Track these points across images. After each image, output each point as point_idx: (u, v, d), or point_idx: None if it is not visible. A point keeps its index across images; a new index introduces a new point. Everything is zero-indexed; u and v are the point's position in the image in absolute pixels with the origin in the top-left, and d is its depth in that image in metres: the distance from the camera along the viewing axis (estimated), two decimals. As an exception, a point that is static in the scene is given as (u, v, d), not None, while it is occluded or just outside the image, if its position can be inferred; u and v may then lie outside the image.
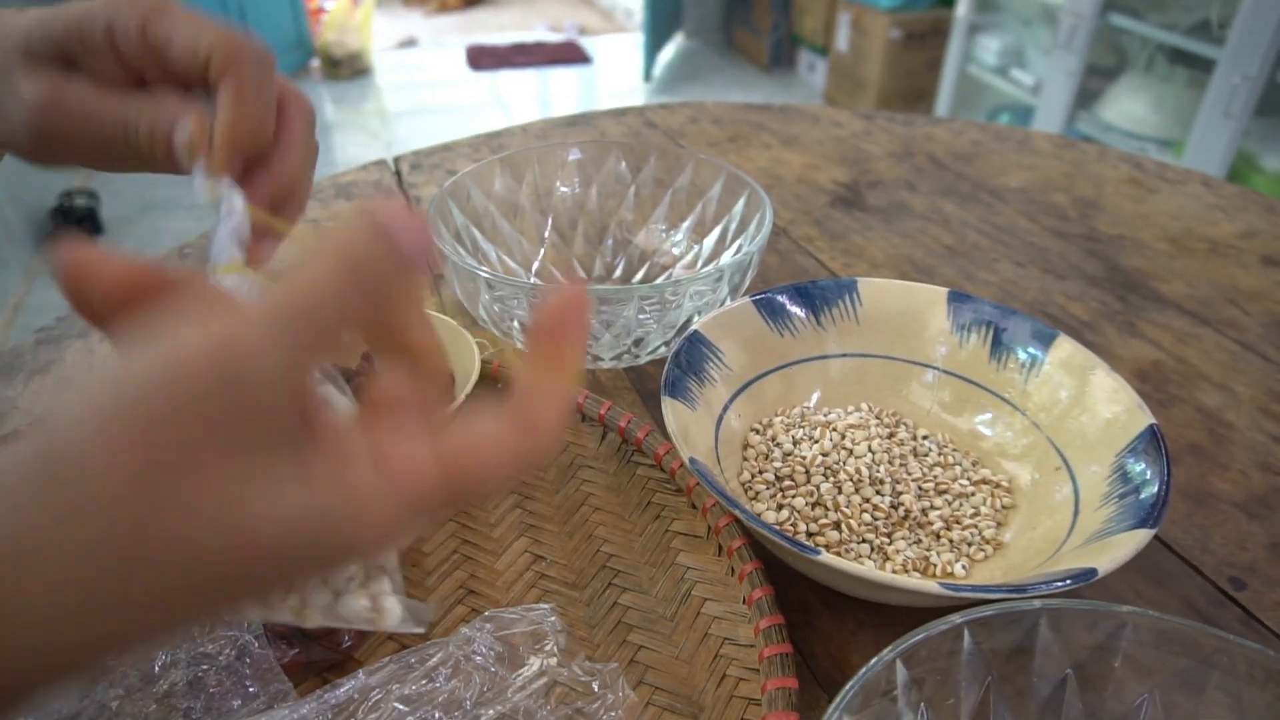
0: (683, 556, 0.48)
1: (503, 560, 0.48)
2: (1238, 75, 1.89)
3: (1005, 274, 0.76)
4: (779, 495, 0.48)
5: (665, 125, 1.04)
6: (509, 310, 0.56)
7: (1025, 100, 2.58)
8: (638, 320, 0.55)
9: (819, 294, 0.56)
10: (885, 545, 0.46)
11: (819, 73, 3.54)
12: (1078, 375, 0.49)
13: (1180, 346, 0.67)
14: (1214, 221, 0.85)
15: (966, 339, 0.54)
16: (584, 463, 0.54)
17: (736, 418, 0.52)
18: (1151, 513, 0.40)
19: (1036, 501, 0.48)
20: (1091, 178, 0.93)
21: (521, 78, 3.84)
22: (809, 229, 0.82)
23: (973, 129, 1.05)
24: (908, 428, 0.54)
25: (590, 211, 0.73)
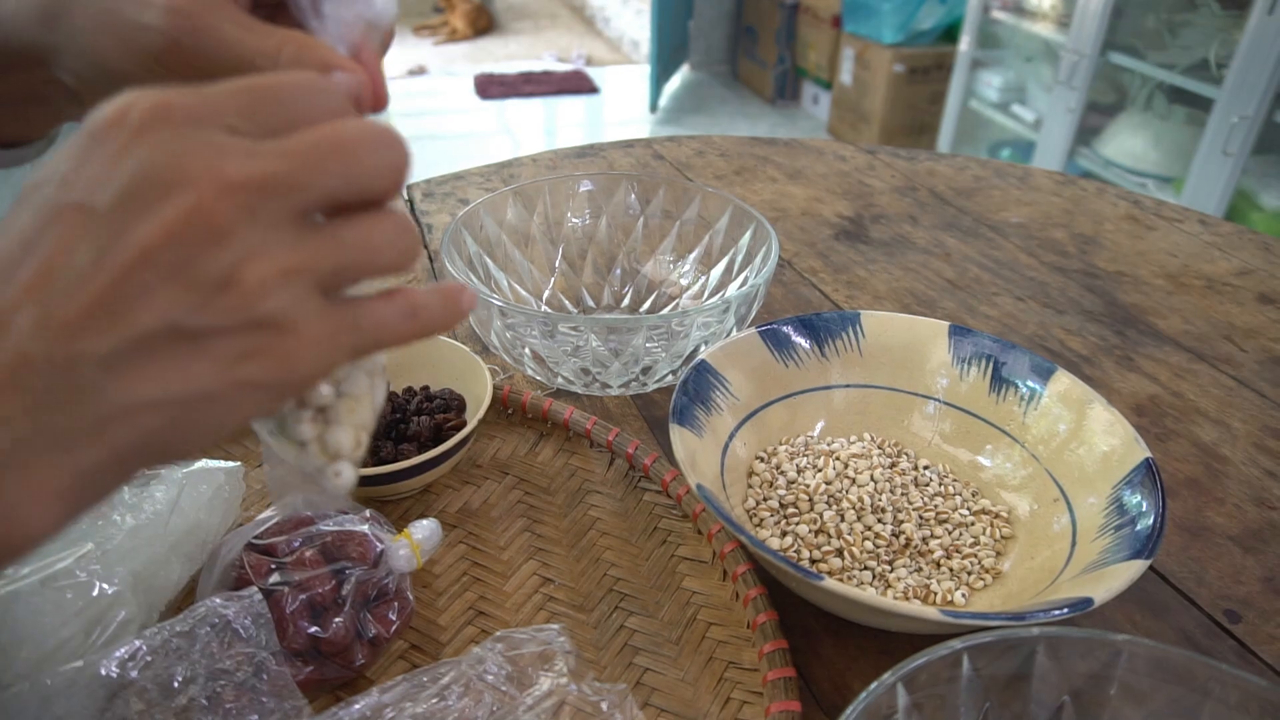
0: (688, 581, 0.49)
1: (511, 582, 0.49)
2: (1235, 114, 1.92)
3: (1005, 308, 0.77)
4: (783, 522, 0.50)
5: (673, 157, 1.06)
6: (520, 337, 0.58)
7: (1026, 135, 2.61)
8: (646, 349, 0.57)
9: (823, 326, 0.57)
10: (887, 573, 0.47)
11: (823, 105, 3.59)
12: (1076, 409, 0.51)
13: (1177, 382, 0.68)
14: (1210, 259, 0.86)
15: (967, 372, 0.55)
16: (592, 488, 0.56)
17: (742, 446, 0.53)
18: (1147, 544, 0.41)
19: (1035, 532, 0.49)
20: (1091, 214, 0.95)
21: (529, 107, 3.89)
22: (813, 261, 0.84)
23: (974, 165, 1.07)
24: (909, 458, 0.55)
25: (600, 241, 0.75)
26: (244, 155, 0.21)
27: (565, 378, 0.60)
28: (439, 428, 0.54)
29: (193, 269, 0.21)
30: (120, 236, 0.20)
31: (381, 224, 0.24)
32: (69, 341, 0.20)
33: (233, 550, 0.43)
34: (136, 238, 0.20)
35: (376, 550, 0.43)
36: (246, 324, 0.21)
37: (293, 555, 0.42)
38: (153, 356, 0.21)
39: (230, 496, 0.50)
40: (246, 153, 0.21)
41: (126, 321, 0.20)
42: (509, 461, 0.58)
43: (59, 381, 0.20)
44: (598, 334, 0.55)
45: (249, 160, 0.21)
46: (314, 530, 0.43)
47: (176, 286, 0.20)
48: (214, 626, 0.38)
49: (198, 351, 0.21)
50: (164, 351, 0.21)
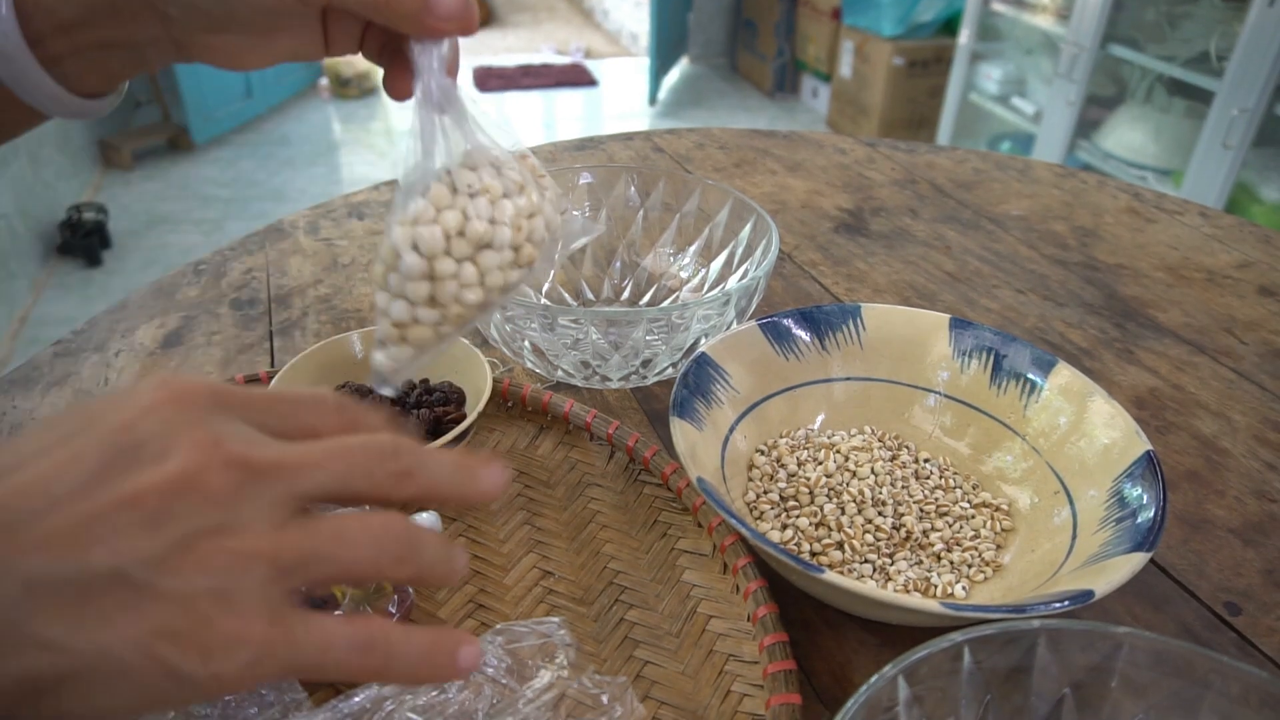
0: (688, 574, 0.49)
1: (511, 575, 0.49)
2: (1236, 107, 1.92)
3: (1005, 301, 0.77)
4: (783, 515, 0.49)
5: (672, 150, 1.06)
6: (520, 330, 0.58)
7: (1026, 128, 2.61)
8: (646, 342, 0.57)
9: (823, 318, 0.57)
10: (887, 566, 0.47)
11: (822, 98, 3.58)
12: (1076, 401, 0.51)
13: (1177, 374, 0.68)
14: (1211, 252, 0.86)
15: (967, 364, 0.55)
16: (592, 481, 0.55)
17: (742, 439, 0.53)
18: (1148, 537, 0.41)
19: (1035, 525, 0.49)
20: (1091, 207, 0.95)
21: (528, 100, 3.88)
22: (813, 254, 0.84)
23: (974, 157, 1.07)
24: (909, 451, 0.55)
25: (599, 235, 0.75)
26: (246, 441, 0.23)
27: (565, 371, 0.60)
28: (438, 421, 0.54)
29: (165, 524, 0.21)
30: (112, 479, 0.21)
31: (366, 521, 0.23)
32: (14, 554, 0.20)
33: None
34: (129, 484, 0.21)
35: (376, 543, 0.43)
36: (186, 594, 0.21)
37: (292, 548, 0.42)
38: (80, 599, 0.20)
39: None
40: (249, 440, 0.23)
41: (77, 554, 0.20)
42: (509, 455, 0.58)
43: None
44: (597, 327, 0.55)
45: (250, 446, 0.23)
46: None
47: (143, 536, 0.21)
48: (213, 620, 0.38)
49: (126, 608, 0.20)
50: (95, 597, 0.20)
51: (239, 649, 0.21)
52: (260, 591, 0.22)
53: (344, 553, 0.23)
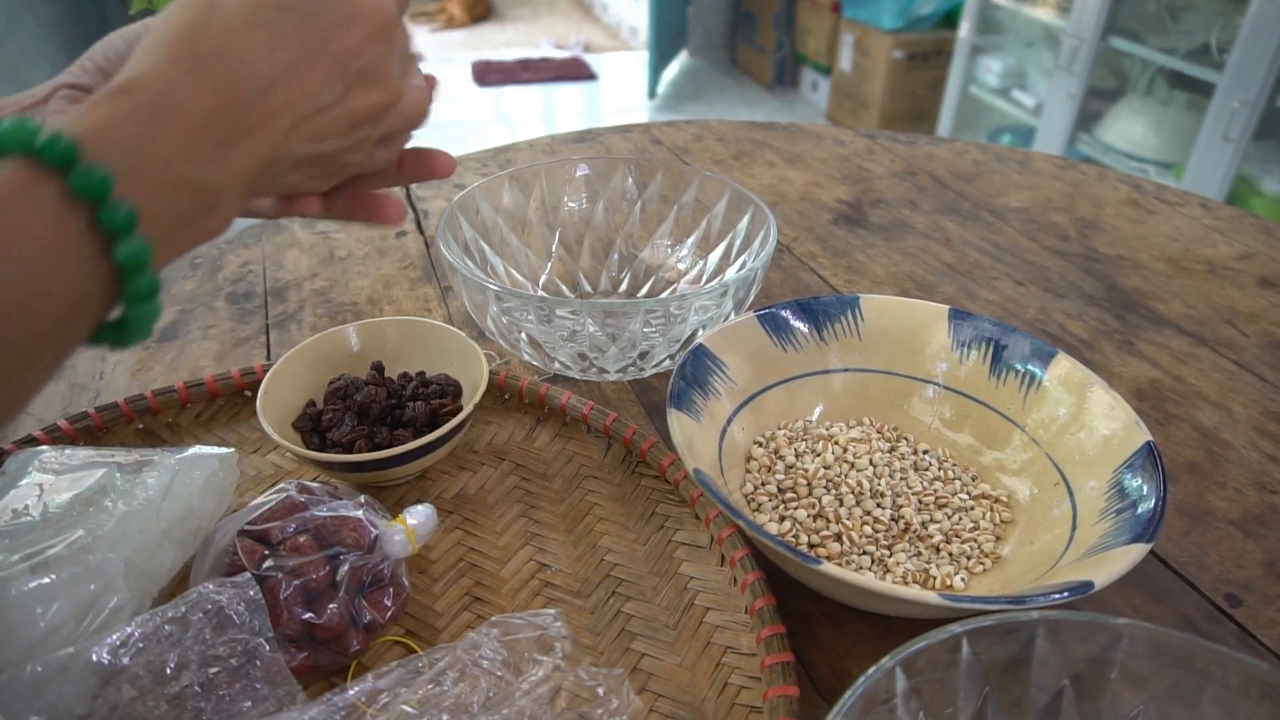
0: (686, 566, 0.49)
1: (508, 568, 0.49)
2: (1237, 99, 1.91)
3: (1005, 292, 0.77)
4: (781, 507, 0.49)
5: (671, 142, 1.06)
6: (517, 322, 0.57)
7: (1026, 121, 2.60)
8: (643, 334, 0.56)
9: (822, 310, 0.57)
10: (885, 557, 0.47)
11: (822, 92, 3.57)
12: (1076, 392, 0.50)
13: (1178, 366, 0.68)
14: (1212, 243, 0.86)
15: (967, 356, 0.55)
16: (589, 473, 0.55)
17: (740, 430, 0.53)
18: (1148, 528, 0.40)
19: (1035, 516, 0.48)
20: (1091, 198, 0.95)
21: (527, 94, 3.87)
22: (812, 246, 0.83)
23: (974, 149, 1.06)
24: (908, 442, 0.55)
25: (597, 226, 0.74)
26: (406, 81, 0.36)
27: (562, 363, 0.60)
28: (435, 413, 0.54)
29: (375, 129, 0.35)
30: (349, 99, 0.33)
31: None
32: (294, 142, 0.31)
33: (226, 536, 0.43)
34: (357, 103, 0.33)
35: (371, 536, 0.43)
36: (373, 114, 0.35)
37: (286, 541, 0.42)
38: (327, 166, 0.35)
39: (224, 482, 0.49)
40: (408, 79, 0.37)
41: (327, 142, 0.33)
42: (505, 447, 0.57)
43: (273, 159, 0.31)
44: (594, 318, 0.55)
45: (405, 84, 0.36)
46: (308, 516, 0.43)
47: (365, 131, 0.35)
48: (207, 613, 0.38)
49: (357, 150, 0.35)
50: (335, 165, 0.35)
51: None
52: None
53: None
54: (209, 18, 0.29)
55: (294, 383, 0.55)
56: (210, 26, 0.29)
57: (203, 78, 0.28)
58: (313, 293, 0.75)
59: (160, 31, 0.29)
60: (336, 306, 0.73)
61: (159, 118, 0.27)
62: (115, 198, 0.25)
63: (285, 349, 0.66)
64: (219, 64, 0.28)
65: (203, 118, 0.28)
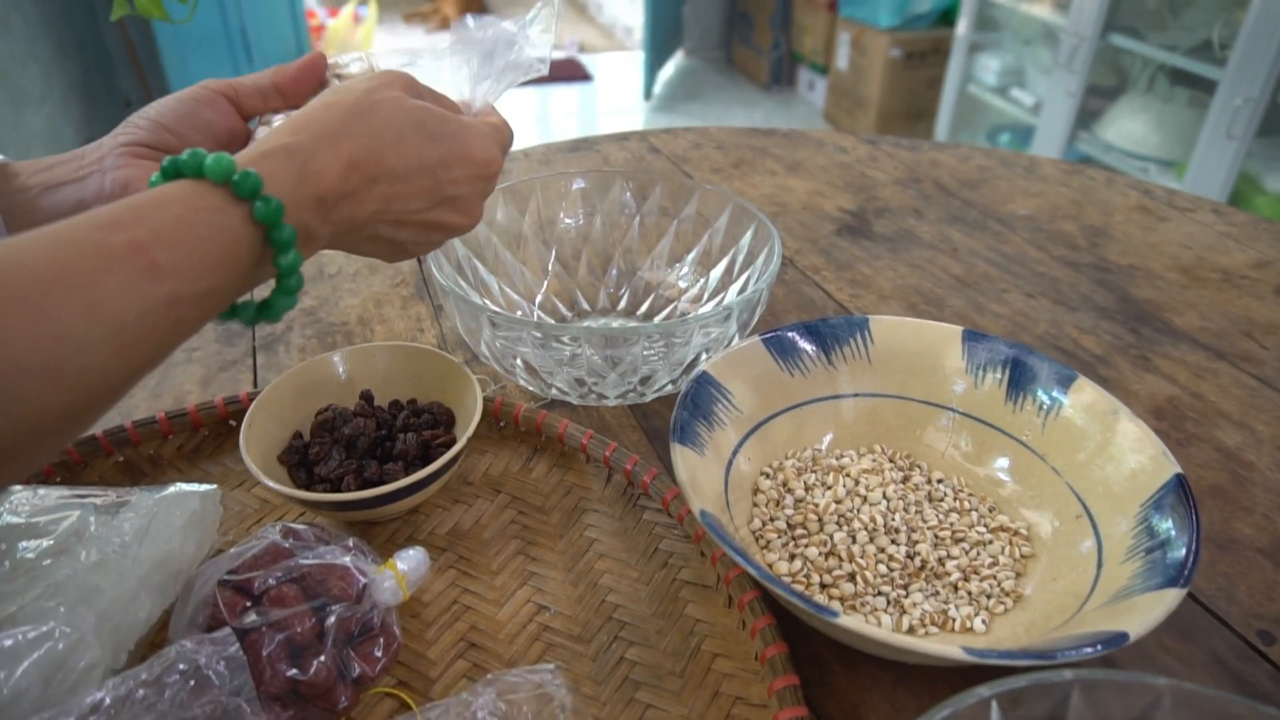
0: (691, 608, 0.46)
1: (505, 610, 0.46)
2: (1240, 96, 1.89)
3: (1016, 305, 0.74)
4: (791, 544, 0.47)
5: (669, 150, 1.03)
6: (512, 347, 0.55)
7: (1025, 120, 2.58)
8: (644, 358, 0.54)
9: (830, 332, 0.55)
10: (902, 598, 0.45)
11: (819, 91, 3.55)
12: (1100, 421, 0.48)
13: (1196, 382, 0.65)
14: (1225, 250, 0.84)
15: (982, 379, 0.53)
16: (589, 506, 0.53)
17: (746, 461, 0.50)
18: (1181, 571, 0.38)
19: (1057, 552, 0.46)
20: (1100, 205, 0.92)
21: (521, 95, 3.84)
22: (815, 258, 0.81)
23: (979, 154, 1.04)
24: (921, 471, 0.52)
25: (594, 241, 0.72)
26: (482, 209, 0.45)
27: (560, 389, 0.58)
28: (427, 445, 0.52)
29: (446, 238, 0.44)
30: (439, 212, 0.41)
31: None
32: (394, 226, 0.40)
33: (207, 584, 0.41)
34: (445, 219, 0.42)
35: (359, 584, 0.41)
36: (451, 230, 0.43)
37: (270, 592, 0.40)
38: (406, 248, 0.43)
39: (206, 522, 0.47)
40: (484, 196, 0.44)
41: (414, 235, 0.42)
42: (501, 478, 0.55)
43: (357, 228, 0.39)
44: (593, 345, 0.52)
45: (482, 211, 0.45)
46: (292, 564, 0.41)
47: (439, 239, 0.43)
48: (183, 673, 0.36)
49: (433, 240, 0.43)
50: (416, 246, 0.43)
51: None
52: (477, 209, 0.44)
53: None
54: (364, 107, 0.38)
55: (279, 414, 0.53)
56: (360, 116, 0.37)
57: (336, 155, 0.36)
58: (301, 312, 0.72)
59: (329, 102, 0.38)
60: (326, 327, 0.70)
61: (303, 179, 0.35)
62: (284, 221, 0.34)
63: (273, 373, 0.64)
64: (352, 147, 0.36)
65: (324, 185, 0.36)
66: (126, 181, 0.41)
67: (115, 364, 0.29)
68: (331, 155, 0.36)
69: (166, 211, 0.31)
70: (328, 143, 0.36)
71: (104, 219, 0.29)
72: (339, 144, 0.36)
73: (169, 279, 0.30)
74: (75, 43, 2.73)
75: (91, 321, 0.27)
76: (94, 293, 0.28)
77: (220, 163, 0.32)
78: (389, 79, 0.40)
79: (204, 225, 0.31)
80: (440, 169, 0.40)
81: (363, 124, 0.37)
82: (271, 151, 0.35)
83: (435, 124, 0.39)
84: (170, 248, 0.30)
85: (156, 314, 0.29)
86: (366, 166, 0.37)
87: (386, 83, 0.39)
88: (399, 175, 0.38)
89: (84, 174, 0.42)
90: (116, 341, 0.28)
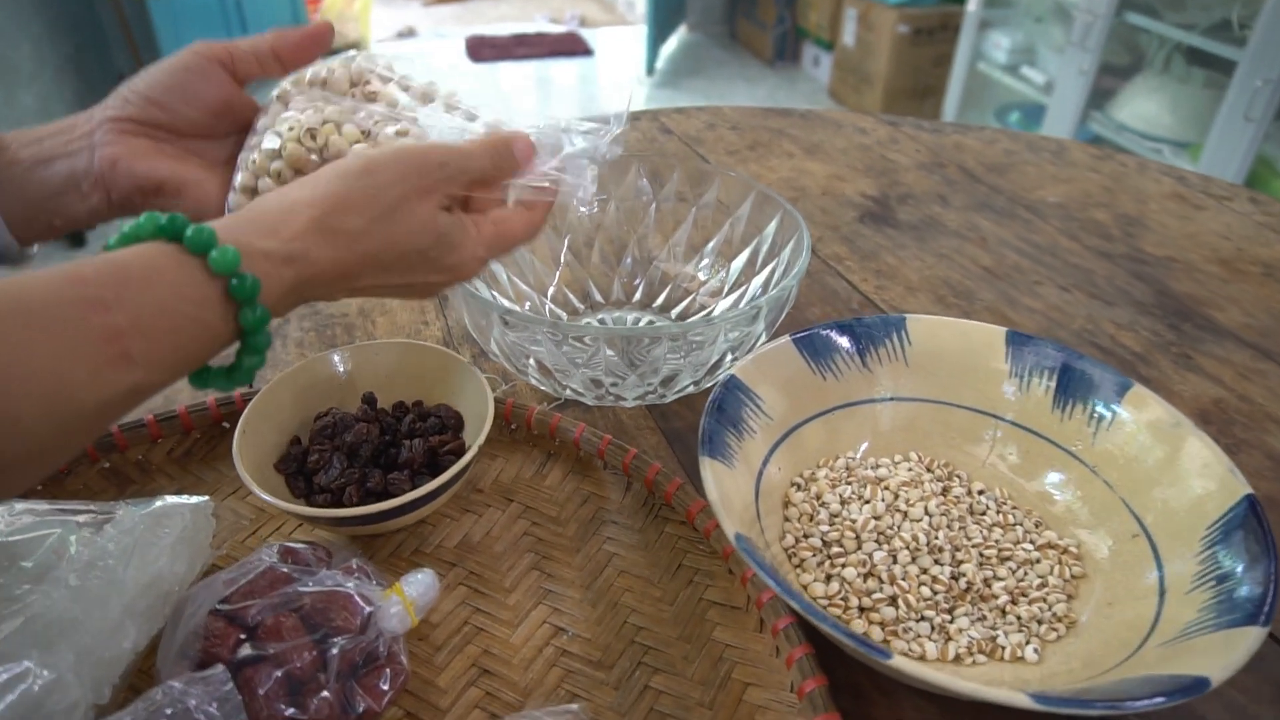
0: (719, 631, 0.43)
1: (519, 633, 0.43)
2: (1259, 78, 1.84)
3: (1049, 299, 0.71)
4: (827, 564, 0.44)
5: (682, 131, 0.99)
6: (524, 346, 0.51)
7: (1036, 99, 2.53)
8: (666, 359, 0.51)
9: (864, 332, 0.51)
10: (947, 624, 0.42)
11: (824, 67, 3.49)
12: (1157, 433, 0.45)
13: (1243, 383, 0.62)
14: (1266, 242, 0.80)
15: (1027, 385, 0.49)
16: (607, 517, 0.50)
17: (776, 470, 0.47)
18: (1260, 607, 0.35)
19: (1113, 575, 0.43)
20: (1133, 192, 0.89)
21: (522, 70, 3.78)
22: (837, 247, 0.77)
23: (1004, 138, 1.00)
24: (961, 481, 0.49)
25: (608, 229, 0.68)
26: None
27: (574, 390, 0.54)
28: (434, 452, 0.48)
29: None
30: (412, 293, 0.41)
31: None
32: (382, 277, 0.38)
33: (198, 612, 0.37)
34: (417, 290, 0.41)
35: (364, 613, 0.38)
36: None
37: (266, 623, 0.36)
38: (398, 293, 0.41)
39: (198, 538, 0.44)
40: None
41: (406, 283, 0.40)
42: (513, 486, 0.52)
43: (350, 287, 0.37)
44: (613, 347, 0.49)
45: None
46: (291, 592, 0.37)
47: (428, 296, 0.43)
48: (170, 718, 0.32)
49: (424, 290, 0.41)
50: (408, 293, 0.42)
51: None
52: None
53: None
54: (386, 216, 0.36)
55: (275, 418, 0.49)
56: (378, 223, 0.36)
57: (334, 263, 0.35)
58: (299, 303, 0.68)
59: (358, 200, 0.36)
60: (325, 319, 0.66)
61: (296, 285, 0.34)
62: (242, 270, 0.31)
63: (269, 369, 0.60)
64: (354, 258, 0.36)
65: (310, 277, 0.35)
66: (115, 159, 0.40)
67: (54, 444, 0.28)
68: (330, 264, 0.35)
69: (150, 293, 0.29)
70: (332, 249, 0.35)
71: (88, 288, 0.28)
72: (342, 251, 0.35)
73: (139, 370, 0.29)
74: (68, 19, 2.66)
75: (46, 410, 0.26)
76: (58, 382, 0.27)
77: (225, 257, 0.31)
78: (428, 184, 0.37)
79: (184, 318, 0.30)
80: (422, 281, 0.39)
81: (376, 233, 0.36)
82: (275, 256, 0.33)
83: (441, 251, 0.38)
84: (146, 339, 0.29)
85: (115, 403, 0.29)
86: (356, 273, 0.36)
87: (424, 190, 0.37)
88: (381, 285, 0.38)
89: (74, 148, 0.40)
90: (64, 428, 0.27)
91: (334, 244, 0.35)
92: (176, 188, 0.41)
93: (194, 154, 0.43)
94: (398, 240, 0.36)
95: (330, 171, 0.36)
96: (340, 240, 0.35)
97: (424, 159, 0.37)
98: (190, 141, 0.43)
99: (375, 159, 0.36)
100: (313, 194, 0.35)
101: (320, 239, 0.34)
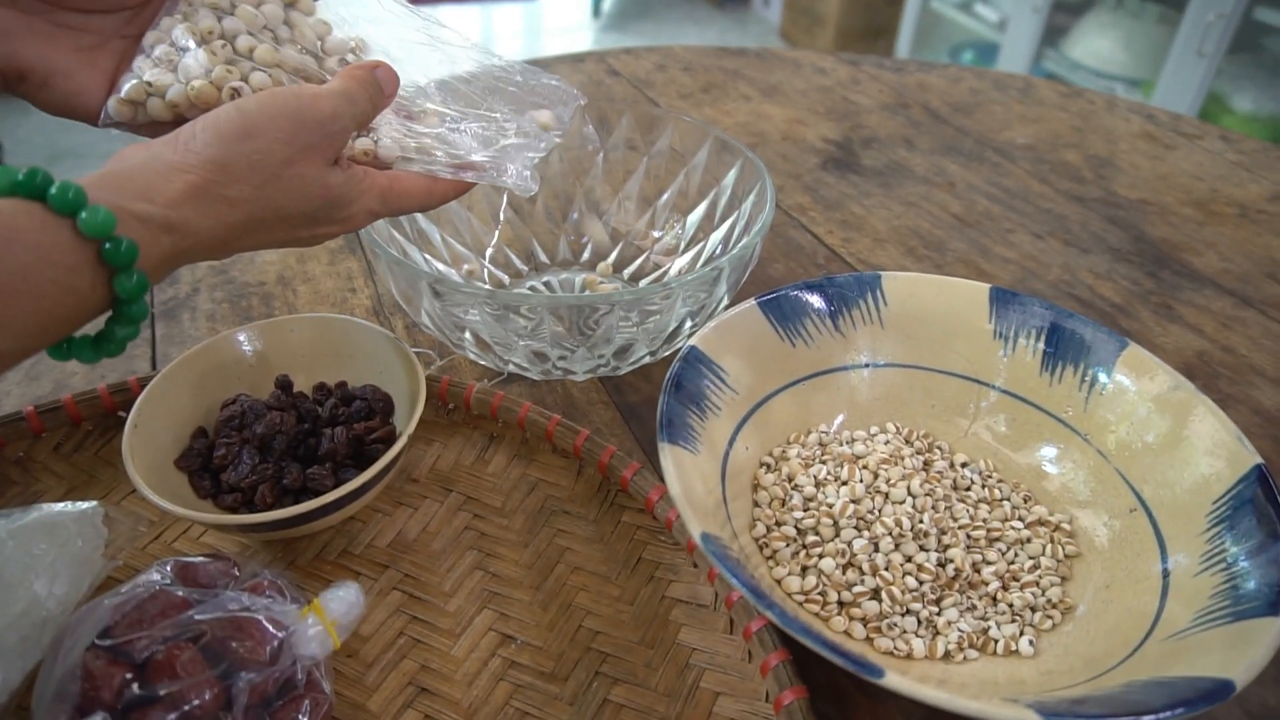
0: (685, 633, 0.39)
1: (462, 644, 0.38)
2: (1211, 12, 1.82)
3: (1023, 248, 0.67)
4: (802, 554, 0.39)
5: (630, 73, 0.92)
6: (459, 317, 0.46)
7: (990, 37, 2.48)
8: (618, 329, 0.45)
9: (836, 292, 0.46)
10: (934, 616, 0.38)
11: (774, 8, 3.39)
12: (1152, 396, 0.41)
13: (1225, 333, 0.59)
14: (1239, 182, 0.77)
15: (1013, 346, 0.45)
16: (558, 506, 0.45)
17: (744, 449, 0.43)
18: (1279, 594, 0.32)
19: (1110, 553, 0.40)
20: (1103, 132, 0.85)
21: (462, 13, 3.61)
22: (800, 196, 0.72)
23: (969, 75, 0.95)
24: (943, 453, 0.45)
25: (551, 181, 0.62)
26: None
27: (518, 365, 0.49)
28: (360, 440, 0.43)
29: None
30: (299, 242, 0.36)
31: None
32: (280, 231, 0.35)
33: (77, 645, 0.32)
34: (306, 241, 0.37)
35: (275, 641, 0.32)
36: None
37: (157, 658, 0.31)
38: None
39: (85, 551, 0.38)
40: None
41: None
42: (452, 474, 0.46)
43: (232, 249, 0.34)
44: (558, 317, 0.43)
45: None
46: (186, 619, 0.32)
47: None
48: (38, 785, 0.27)
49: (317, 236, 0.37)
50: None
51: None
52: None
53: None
54: (272, 182, 0.33)
55: (174, 407, 0.43)
56: (264, 188, 0.32)
57: (215, 228, 0.31)
58: (210, 271, 0.62)
59: (243, 162, 0.32)
60: (239, 288, 0.60)
61: (175, 253, 0.31)
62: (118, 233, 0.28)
63: (176, 348, 0.54)
64: (237, 219, 0.32)
65: (192, 242, 0.31)
66: None
67: None
68: (210, 232, 0.31)
69: (14, 258, 0.26)
70: (214, 218, 0.31)
71: None
72: (224, 218, 0.32)
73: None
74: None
75: None
76: None
77: (97, 218, 0.27)
78: (314, 142, 0.33)
79: (50, 283, 0.27)
80: (308, 234, 0.36)
81: (261, 199, 0.32)
82: (152, 221, 0.29)
83: (330, 209, 0.35)
84: (6, 305, 0.26)
85: None
86: (237, 236, 0.33)
87: (310, 148, 0.33)
88: (264, 242, 0.35)
89: None
90: None
91: (215, 213, 0.31)
92: (42, 78, 0.34)
93: (69, 29, 0.35)
94: (284, 205, 0.33)
95: (206, 134, 0.31)
96: (222, 208, 0.31)
97: (309, 113, 0.33)
98: (66, 14, 0.35)
99: (254, 119, 0.32)
100: (186, 158, 0.31)
101: (201, 207, 0.31)
